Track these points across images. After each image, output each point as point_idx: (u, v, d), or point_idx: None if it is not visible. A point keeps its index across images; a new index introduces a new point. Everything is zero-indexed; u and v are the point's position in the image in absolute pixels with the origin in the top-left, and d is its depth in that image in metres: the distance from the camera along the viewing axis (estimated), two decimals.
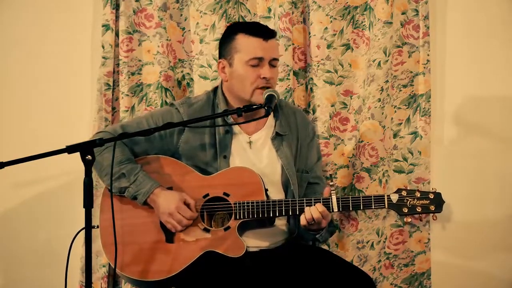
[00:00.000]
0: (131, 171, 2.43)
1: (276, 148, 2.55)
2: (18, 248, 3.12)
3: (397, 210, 2.37)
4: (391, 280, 3.11)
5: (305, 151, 2.64)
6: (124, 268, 2.41)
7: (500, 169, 3.09)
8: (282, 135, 2.57)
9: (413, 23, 3.04)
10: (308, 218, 2.35)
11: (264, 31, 2.49)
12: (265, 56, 2.46)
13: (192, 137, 2.53)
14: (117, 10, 3.00)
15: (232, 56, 2.49)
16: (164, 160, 2.51)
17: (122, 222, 2.43)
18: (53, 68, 3.10)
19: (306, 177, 2.62)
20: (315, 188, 2.64)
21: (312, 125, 2.75)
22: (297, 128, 2.64)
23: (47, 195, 3.10)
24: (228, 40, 2.51)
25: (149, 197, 2.41)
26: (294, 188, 2.53)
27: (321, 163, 2.74)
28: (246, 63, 2.46)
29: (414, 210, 2.37)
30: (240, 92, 2.50)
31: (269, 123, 2.59)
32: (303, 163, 2.62)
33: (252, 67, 2.46)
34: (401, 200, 2.37)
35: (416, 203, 2.38)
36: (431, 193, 2.38)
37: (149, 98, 3.03)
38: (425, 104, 3.04)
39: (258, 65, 2.46)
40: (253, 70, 2.46)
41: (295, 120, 2.65)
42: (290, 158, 2.55)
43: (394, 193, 2.39)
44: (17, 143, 3.09)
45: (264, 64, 2.46)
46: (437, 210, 2.37)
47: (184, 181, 2.46)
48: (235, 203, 2.40)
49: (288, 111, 2.65)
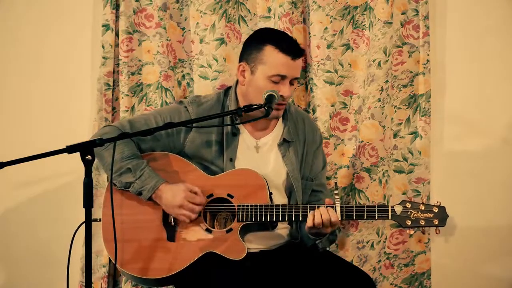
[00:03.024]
0: (137, 167, 2.42)
1: (283, 154, 2.55)
2: (18, 248, 3.12)
3: (400, 222, 2.37)
4: (391, 280, 3.11)
5: (311, 158, 2.64)
6: (125, 265, 2.41)
7: (500, 169, 3.09)
8: (289, 141, 2.56)
9: (413, 23, 3.04)
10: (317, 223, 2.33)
11: (294, 49, 2.43)
12: (288, 75, 2.43)
13: (198, 136, 2.53)
14: (117, 10, 3.00)
15: (256, 66, 2.45)
16: (170, 157, 2.51)
17: (124, 218, 2.43)
18: (53, 68, 3.10)
19: (310, 184, 2.62)
20: (318, 196, 2.63)
21: (320, 132, 2.74)
22: (304, 135, 2.63)
23: (47, 195, 3.10)
24: (255, 47, 2.46)
25: (154, 192, 2.40)
26: (298, 194, 2.53)
27: (325, 171, 2.74)
28: (268, 77, 2.42)
29: (417, 223, 2.36)
30: (254, 100, 2.45)
31: (278, 128, 2.59)
32: (308, 170, 2.62)
33: (273, 82, 2.43)
34: (405, 212, 2.37)
35: (420, 216, 2.37)
36: (435, 207, 2.37)
37: (149, 98, 3.03)
38: (425, 104, 3.04)
39: (279, 82, 2.43)
40: (273, 85, 2.43)
41: (304, 127, 2.65)
42: (295, 165, 2.55)
43: (398, 204, 2.38)
44: (17, 143, 3.09)
45: (286, 82, 2.43)
46: (441, 224, 2.37)
47: (189, 180, 2.46)
48: (238, 205, 2.40)
49: (297, 117, 2.65)
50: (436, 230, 2.39)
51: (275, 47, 2.42)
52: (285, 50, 2.41)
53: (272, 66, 2.42)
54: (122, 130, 2.45)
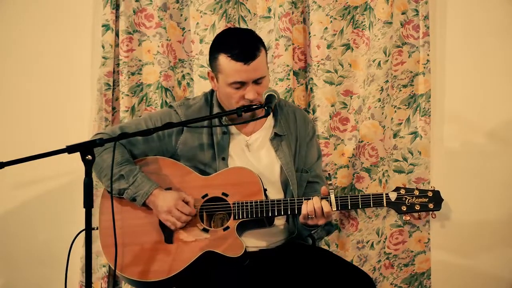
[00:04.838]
0: (130, 173, 2.42)
1: (275, 148, 2.55)
2: (18, 249, 3.12)
3: (396, 208, 2.37)
4: (391, 280, 3.11)
5: (304, 150, 2.64)
6: (124, 269, 2.41)
7: (500, 169, 3.09)
8: (281, 135, 2.57)
9: (413, 23, 3.04)
10: (310, 210, 2.34)
11: (245, 54, 2.38)
12: (247, 80, 2.40)
13: (190, 138, 2.53)
14: (117, 10, 3.00)
15: (217, 74, 2.46)
16: (162, 161, 2.51)
17: (121, 223, 2.43)
18: (53, 68, 3.10)
19: (305, 176, 2.62)
20: (315, 187, 2.63)
21: (312, 123, 2.74)
22: (296, 128, 2.63)
23: (47, 195, 3.10)
24: (212, 57, 2.46)
25: (148, 198, 2.41)
26: (293, 188, 2.52)
27: (321, 162, 2.73)
28: (229, 85, 2.42)
29: (412, 208, 2.36)
30: (227, 106, 2.49)
31: (268, 123, 2.59)
32: (302, 162, 2.62)
33: (235, 88, 2.42)
34: (400, 198, 2.37)
35: (415, 201, 2.37)
36: (429, 191, 2.37)
37: (149, 98, 3.04)
38: (425, 104, 3.04)
39: (241, 87, 2.42)
40: (236, 91, 2.42)
41: (295, 119, 2.64)
42: (289, 158, 2.55)
43: (392, 191, 2.38)
44: (17, 143, 3.09)
45: (248, 85, 2.41)
46: (436, 208, 2.36)
47: (183, 182, 2.46)
48: (234, 203, 2.40)
49: (288, 110, 2.65)
50: (432, 214, 2.38)
51: (226, 55, 2.39)
52: (236, 57, 2.38)
53: (229, 75, 2.40)
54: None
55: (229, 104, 2.47)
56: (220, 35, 2.55)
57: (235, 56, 2.37)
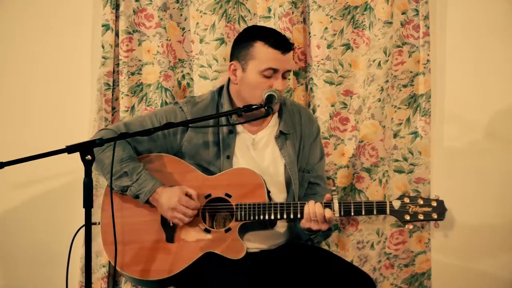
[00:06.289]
0: (134, 170, 2.42)
1: (280, 146, 2.55)
2: (18, 248, 3.12)
3: (399, 217, 2.35)
4: (391, 280, 3.11)
5: (308, 150, 2.64)
6: (125, 267, 2.41)
7: (500, 169, 3.09)
8: (286, 133, 2.56)
9: (413, 23, 3.04)
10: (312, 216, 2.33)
11: (284, 44, 2.46)
12: (280, 68, 2.44)
13: (195, 136, 2.53)
14: (117, 10, 3.00)
15: (247, 62, 2.46)
16: (166, 158, 2.51)
17: (123, 221, 2.43)
18: (53, 68, 3.10)
19: (307, 176, 2.62)
20: (315, 189, 2.63)
21: (317, 123, 2.74)
22: (301, 127, 2.63)
23: (47, 195, 3.10)
24: (245, 44, 2.47)
25: (151, 196, 2.40)
26: (295, 188, 2.52)
27: (323, 163, 2.73)
28: (260, 72, 2.44)
29: (416, 218, 2.34)
30: (248, 98, 2.47)
31: (273, 121, 2.59)
32: (304, 162, 2.62)
33: (265, 77, 2.44)
34: (403, 207, 2.35)
35: (418, 210, 2.35)
36: (433, 201, 2.35)
37: (149, 98, 3.03)
38: (425, 104, 3.04)
39: (271, 76, 2.45)
40: (265, 80, 2.44)
41: (300, 118, 2.64)
42: (293, 157, 2.55)
43: (396, 199, 2.36)
44: (17, 143, 3.09)
45: (278, 76, 2.45)
46: (440, 218, 2.35)
47: (186, 181, 2.46)
48: (236, 204, 2.40)
49: (293, 109, 2.65)
50: (435, 224, 2.38)
51: (264, 42, 2.44)
52: (275, 45, 2.44)
53: (263, 61, 2.43)
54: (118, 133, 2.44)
55: (251, 95, 2.46)
56: (254, 27, 2.73)
57: (274, 44, 2.44)
